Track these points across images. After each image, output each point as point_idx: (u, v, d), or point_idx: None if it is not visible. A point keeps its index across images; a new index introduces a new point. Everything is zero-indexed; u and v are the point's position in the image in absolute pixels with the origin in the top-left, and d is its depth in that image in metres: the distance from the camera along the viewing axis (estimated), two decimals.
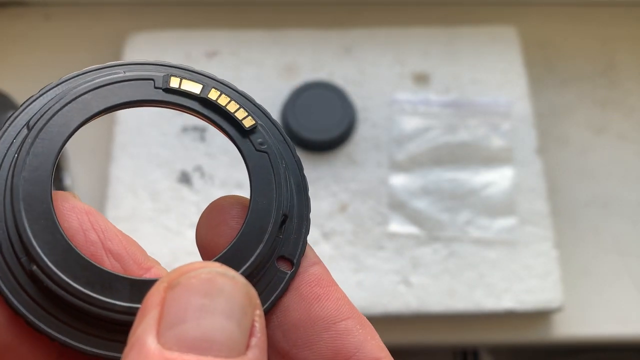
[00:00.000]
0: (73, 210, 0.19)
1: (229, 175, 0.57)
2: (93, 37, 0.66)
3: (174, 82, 0.19)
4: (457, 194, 0.56)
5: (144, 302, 0.15)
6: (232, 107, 0.19)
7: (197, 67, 0.20)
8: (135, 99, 0.19)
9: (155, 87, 0.19)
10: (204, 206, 0.23)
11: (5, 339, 0.17)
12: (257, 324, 0.15)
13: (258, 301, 0.16)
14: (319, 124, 0.57)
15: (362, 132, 0.59)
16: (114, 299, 0.17)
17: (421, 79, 0.62)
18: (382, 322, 0.53)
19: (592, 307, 0.55)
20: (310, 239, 0.20)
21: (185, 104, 0.19)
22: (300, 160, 0.20)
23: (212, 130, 0.59)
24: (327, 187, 0.56)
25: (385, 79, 0.62)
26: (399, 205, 0.56)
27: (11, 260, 0.17)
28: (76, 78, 0.20)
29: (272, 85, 0.61)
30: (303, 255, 0.19)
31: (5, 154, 0.18)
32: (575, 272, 0.56)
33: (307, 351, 0.18)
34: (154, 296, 0.15)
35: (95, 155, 0.60)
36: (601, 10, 0.68)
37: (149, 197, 0.56)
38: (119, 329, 0.17)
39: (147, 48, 0.62)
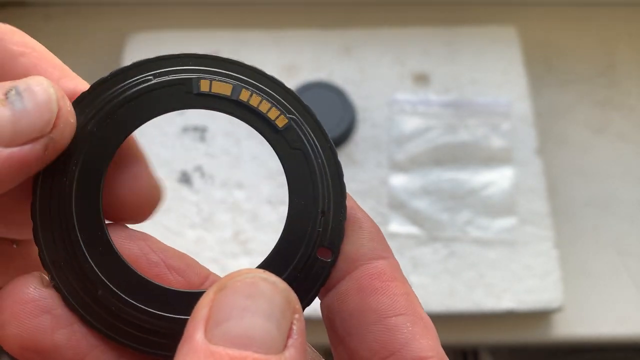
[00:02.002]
0: (131, 238, 0.20)
1: (229, 175, 0.57)
2: (93, 37, 0.66)
3: (205, 86, 0.19)
4: (457, 194, 0.56)
5: (197, 303, 0.17)
6: (264, 107, 0.19)
7: (225, 54, 0.20)
8: (168, 108, 0.20)
9: (187, 92, 0.19)
10: (204, 206, 0.23)
11: (85, 348, 0.19)
12: (295, 327, 0.17)
13: (298, 305, 0.17)
14: None
15: (362, 132, 0.59)
16: (169, 312, 0.19)
17: (421, 79, 0.62)
18: None
19: (592, 307, 0.55)
20: None
21: (217, 105, 0.20)
22: (333, 146, 0.20)
23: (212, 130, 0.59)
24: None
25: (385, 79, 0.62)
26: (399, 205, 0.56)
27: (79, 285, 0.18)
28: (107, 85, 0.20)
29: None
30: (342, 241, 0.20)
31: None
32: (575, 272, 0.56)
33: (357, 341, 0.19)
34: (205, 298, 0.17)
35: None
36: (601, 10, 0.68)
37: None
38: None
39: (147, 48, 0.62)
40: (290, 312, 0.17)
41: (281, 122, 0.19)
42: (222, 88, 0.19)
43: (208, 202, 0.55)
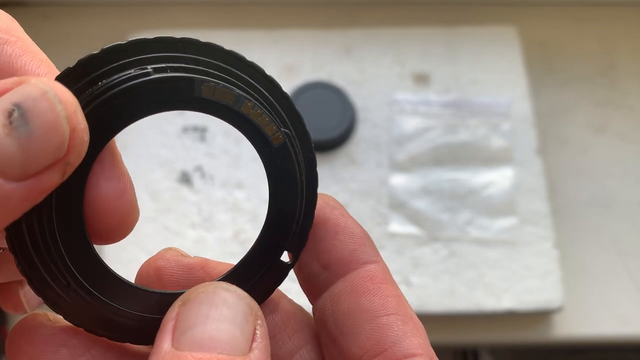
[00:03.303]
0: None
1: (229, 175, 0.57)
2: (92, 37, 0.66)
3: (207, 92, 0.19)
4: (457, 194, 0.56)
5: (164, 318, 0.18)
6: (263, 121, 0.19)
7: (226, 45, 0.20)
8: (166, 108, 0.18)
9: (187, 93, 0.18)
10: (204, 206, 0.23)
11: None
12: (258, 331, 0.18)
13: (259, 312, 0.18)
14: (319, 124, 0.57)
15: (362, 132, 0.59)
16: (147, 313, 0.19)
17: (421, 79, 0.62)
18: None
19: (592, 307, 0.55)
20: None
21: (217, 111, 0.19)
22: (315, 159, 0.21)
23: (212, 130, 0.59)
24: (327, 187, 0.56)
25: (385, 79, 0.62)
26: (399, 205, 0.56)
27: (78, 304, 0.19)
28: (97, 65, 0.18)
29: None
30: (303, 247, 0.21)
31: None
32: (575, 272, 0.56)
33: (350, 339, 0.20)
34: (171, 312, 0.18)
35: None
36: (601, 10, 0.68)
37: (149, 197, 0.56)
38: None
39: None
40: (252, 317, 0.18)
41: (276, 140, 0.20)
42: (225, 96, 0.19)
43: (208, 202, 0.55)
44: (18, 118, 0.15)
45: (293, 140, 0.20)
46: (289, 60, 0.63)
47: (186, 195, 0.56)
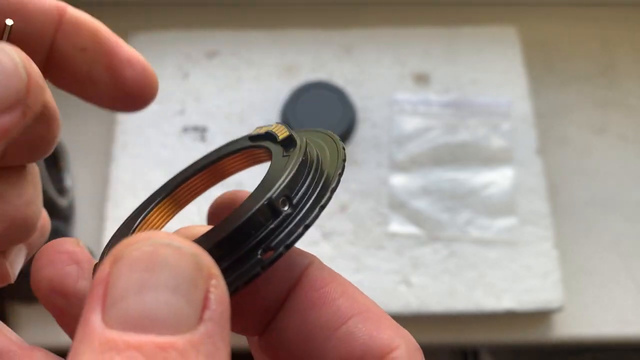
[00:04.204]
0: None
1: None
2: None
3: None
4: (457, 194, 0.56)
5: (94, 278, 0.14)
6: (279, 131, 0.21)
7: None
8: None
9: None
10: (204, 207, 0.23)
11: None
12: (212, 295, 0.14)
13: (214, 270, 0.15)
14: (319, 124, 0.57)
15: (362, 132, 0.59)
16: None
17: (421, 79, 0.62)
18: None
19: (592, 307, 0.55)
20: (310, 239, 0.19)
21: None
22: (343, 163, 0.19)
23: (212, 130, 0.59)
24: None
25: (385, 79, 0.62)
26: (399, 205, 0.56)
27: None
28: None
29: (272, 86, 0.61)
30: (292, 246, 0.17)
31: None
32: (575, 272, 0.56)
33: (321, 358, 0.17)
34: (101, 271, 0.14)
35: (95, 155, 0.60)
36: (601, 10, 0.68)
37: None
38: None
39: (147, 48, 0.62)
40: (203, 278, 0.14)
41: (282, 135, 0.21)
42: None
43: (208, 202, 0.55)
44: None
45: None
46: (289, 60, 0.63)
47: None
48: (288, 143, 0.20)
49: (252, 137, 0.22)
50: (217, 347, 0.14)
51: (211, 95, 0.61)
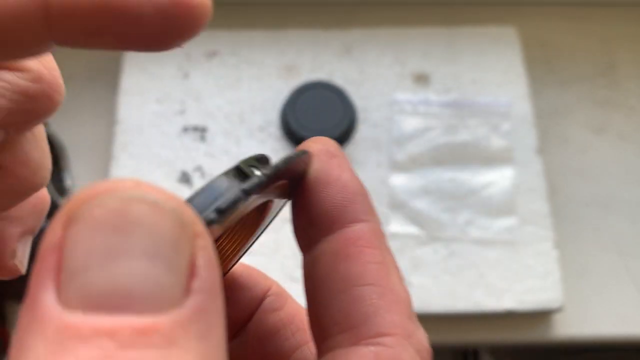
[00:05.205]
0: None
1: None
2: None
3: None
4: (457, 194, 0.56)
5: (42, 244, 0.11)
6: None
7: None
8: None
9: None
10: None
11: None
12: (200, 260, 0.11)
13: (199, 228, 0.12)
14: (319, 124, 0.57)
15: (362, 132, 0.59)
16: None
17: (421, 79, 0.62)
18: None
19: (592, 307, 0.55)
20: None
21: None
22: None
23: (212, 130, 0.59)
24: None
25: (385, 79, 0.62)
26: (399, 206, 0.56)
27: None
28: None
29: (272, 85, 0.61)
30: (225, 209, 0.15)
31: None
32: (575, 272, 0.56)
33: (323, 309, 0.17)
34: (51, 234, 0.11)
35: (95, 155, 0.60)
36: (601, 10, 0.68)
37: None
38: None
39: None
40: (187, 239, 0.11)
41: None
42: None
43: None
44: None
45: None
46: (289, 60, 0.63)
47: (186, 195, 0.56)
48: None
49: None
50: (211, 325, 0.11)
51: (211, 95, 0.61)
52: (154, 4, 0.13)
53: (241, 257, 0.20)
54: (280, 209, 0.20)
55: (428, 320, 0.53)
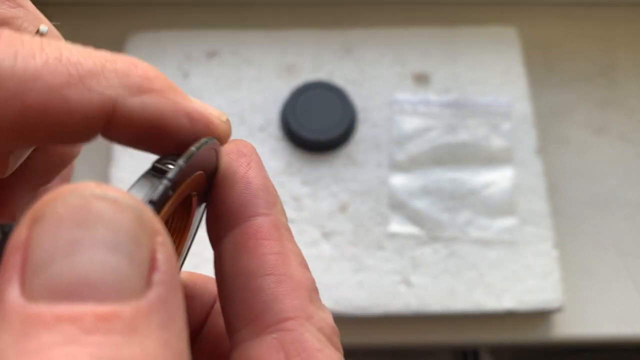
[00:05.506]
0: None
1: None
2: (93, 37, 0.66)
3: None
4: (457, 194, 0.56)
5: (7, 246, 0.12)
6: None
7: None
8: None
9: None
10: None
11: None
12: (160, 255, 0.12)
13: (158, 226, 0.12)
14: (319, 124, 0.57)
15: (362, 132, 0.59)
16: None
17: (421, 79, 0.62)
18: (382, 322, 0.53)
19: (592, 307, 0.55)
20: (310, 239, 0.19)
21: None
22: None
23: None
24: (327, 187, 0.56)
25: (385, 79, 0.62)
26: (399, 205, 0.56)
27: None
28: None
29: (272, 85, 0.61)
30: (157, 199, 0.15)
31: None
32: (575, 272, 0.56)
33: (229, 304, 0.17)
34: (16, 236, 0.12)
35: (95, 155, 0.60)
36: (601, 10, 0.68)
37: None
38: None
39: (147, 48, 0.62)
40: (147, 235, 0.12)
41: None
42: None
43: None
44: None
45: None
46: (289, 60, 0.63)
47: None
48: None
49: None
50: (172, 316, 0.12)
51: (211, 95, 0.61)
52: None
53: (182, 264, 0.20)
54: (204, 211, 0.20)
55: (428, 320, 0.53)
